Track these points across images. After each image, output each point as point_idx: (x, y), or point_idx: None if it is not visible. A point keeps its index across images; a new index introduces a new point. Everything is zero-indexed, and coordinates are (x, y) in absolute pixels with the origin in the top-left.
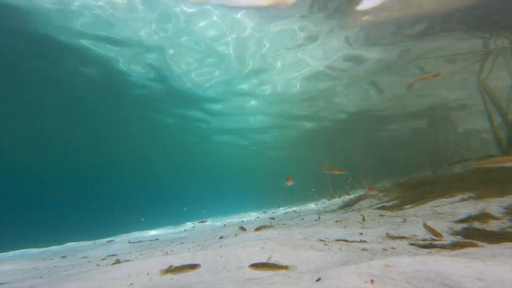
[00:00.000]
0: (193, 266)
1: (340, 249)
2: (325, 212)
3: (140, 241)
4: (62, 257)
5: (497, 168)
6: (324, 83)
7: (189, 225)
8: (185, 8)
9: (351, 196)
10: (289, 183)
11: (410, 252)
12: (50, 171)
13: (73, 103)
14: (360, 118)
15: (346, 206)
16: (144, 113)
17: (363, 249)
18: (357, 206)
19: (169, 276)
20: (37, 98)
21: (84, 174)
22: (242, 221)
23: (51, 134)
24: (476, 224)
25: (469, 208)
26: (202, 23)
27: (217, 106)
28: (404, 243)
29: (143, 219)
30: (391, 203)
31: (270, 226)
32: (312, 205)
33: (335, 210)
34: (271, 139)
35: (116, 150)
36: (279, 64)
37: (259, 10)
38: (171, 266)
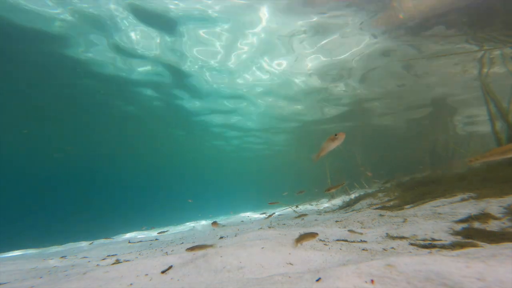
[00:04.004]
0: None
1: (340, 249)
2: (325, 212)
3: (140, 241)
4: (62, 257)
5: (497, 167)
6: None
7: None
8: None
9: (351, 196)
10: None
11: (410, 252)
12: (50, 171)
13: (72, 103)
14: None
15: (346, 206)
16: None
17: (363, 249)
18: (357, 206)
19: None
20: (36, 99)
21: (85, 174)
22: (242, 221)
23: (51, 134)
24: (476, 224)
25: (469, 208)
26: None
27: None
28: (404, 243)
29: (144, 228)
30: (391, 203)
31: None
32: (312, 205)
33: (335, 210)
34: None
35: (116, 150)
36: None
37: None
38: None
